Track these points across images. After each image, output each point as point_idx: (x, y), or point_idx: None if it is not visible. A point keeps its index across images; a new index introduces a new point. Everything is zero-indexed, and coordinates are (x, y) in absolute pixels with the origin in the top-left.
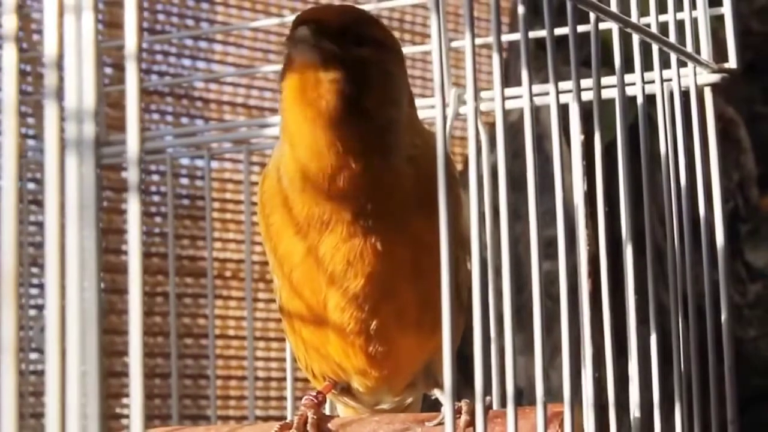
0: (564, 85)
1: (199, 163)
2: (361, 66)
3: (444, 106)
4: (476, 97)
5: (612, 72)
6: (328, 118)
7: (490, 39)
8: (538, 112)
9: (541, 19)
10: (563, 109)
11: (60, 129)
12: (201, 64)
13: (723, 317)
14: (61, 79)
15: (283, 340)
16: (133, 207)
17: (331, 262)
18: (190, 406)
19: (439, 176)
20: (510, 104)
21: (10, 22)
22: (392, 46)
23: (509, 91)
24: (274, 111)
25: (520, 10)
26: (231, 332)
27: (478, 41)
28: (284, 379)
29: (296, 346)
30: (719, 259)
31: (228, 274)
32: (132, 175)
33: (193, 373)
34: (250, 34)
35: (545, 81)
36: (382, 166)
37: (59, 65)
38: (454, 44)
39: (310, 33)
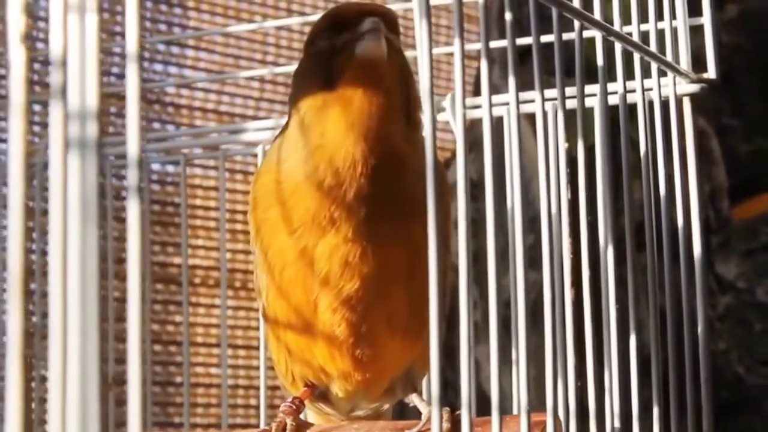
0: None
1: (170, 168)
2: (403, 62)
3: (433, 112)
4: (463, 104)
5: (587, 82)
6: (383, 115)
7: (469, 46)
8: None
9: (520, 27)
10: (533, 118)
11: (65, 129)
12: (173, 69)
13: (699, 329)
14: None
15: (251, 347)
16: (132, 209)
17: (328, 261)
18: (158, 413)
19: (428, 183)
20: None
21: (20, 23)
22: None
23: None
24: (244, 117)
25: (508, 16)
26: (199, 339)
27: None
28: (252, 387)
29: (278, 349)
30: (696, 271)
31: (197, 280)
32: (132, 176)
33: (162, 380)
34: (222, 39)
35: (521, 90)
36: (409, 167)
37: (64, 65)
38: (433, 51)
39: (383, 24)
